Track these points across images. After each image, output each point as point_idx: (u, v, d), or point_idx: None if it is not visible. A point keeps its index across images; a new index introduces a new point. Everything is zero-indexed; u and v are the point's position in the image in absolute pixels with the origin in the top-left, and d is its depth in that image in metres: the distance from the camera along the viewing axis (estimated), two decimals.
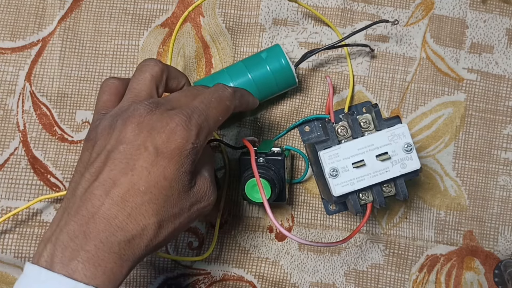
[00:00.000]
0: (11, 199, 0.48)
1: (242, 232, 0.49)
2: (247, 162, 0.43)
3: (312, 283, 0.49)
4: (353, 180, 0.38)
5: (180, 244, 0.49)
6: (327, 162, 0.38)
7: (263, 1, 0.50)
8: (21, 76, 0.49)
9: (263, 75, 0.44)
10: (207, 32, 0.50)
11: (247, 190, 0.41)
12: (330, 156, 0.38)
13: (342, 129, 0.39)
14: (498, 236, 0.49)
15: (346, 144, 0.38)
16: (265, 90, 0.45)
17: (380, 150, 0.38)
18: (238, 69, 0.45)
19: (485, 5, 0.50)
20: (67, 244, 0.28)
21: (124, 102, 0.33)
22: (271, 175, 0.41)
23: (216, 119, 0.33)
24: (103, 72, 0.49)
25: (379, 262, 0.49)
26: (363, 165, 0.38)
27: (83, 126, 0.49)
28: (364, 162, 0.38)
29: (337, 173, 0.38)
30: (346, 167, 0.38)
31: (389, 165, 0.38)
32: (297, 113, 0.49)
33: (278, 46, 0.45)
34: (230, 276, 0.49)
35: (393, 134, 0.38)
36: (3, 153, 0.48)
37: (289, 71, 0.45)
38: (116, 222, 0.28)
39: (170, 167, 0.30)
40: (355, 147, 0.38)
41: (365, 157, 0.38)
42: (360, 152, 0.38)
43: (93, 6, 0.50)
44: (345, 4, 0.50)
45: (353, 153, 0.38)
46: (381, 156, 0.37)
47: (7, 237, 0.48)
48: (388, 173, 0.38)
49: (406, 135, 0.38)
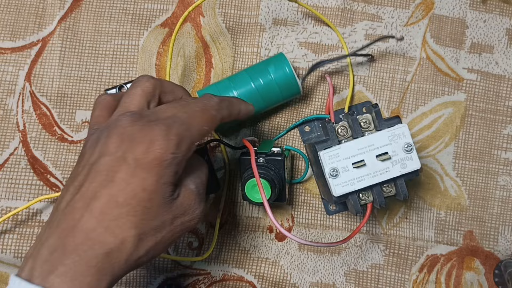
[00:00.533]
0: (11, 199, 0.48)
1: (242, 232, 0.49)
2: (247, 162, 0.43)
3: (312, 283, 0.49)
4: (353, 180, 0.38)
5: (180, 244, 0.49)
6: (327, 162, 0.38)
7: (263, 1, 0.50)
8: (21, 76, 0.49)
9: (267, 84, 0.44)
10: (207, 32, 0.50)
11: (247, 190, 0.41)
12: (330, 156, 0.38)
13: (342, 129, 0.39)
14: (498, 236, 0.49)
15: (346, 144, 0.38)
16: (269, 99, 0.45)
17: (380, 150, 0.38)
18: (242, 78, 0.45)
19: (485, 5, 0.50)
20: (46, 258, 0.27)
21: (113, 116, 0.33)
22: (271, 175, 0.41)
23: (200, 128, 0.32)
24: (103, 72, 0.49)
25: (379, 262, 0.49)
26: (363, 165, 0.38)
27: (83, 126, 0.49)
28: (365, 162, 0.38)
29: (337, 173, 0.38)
30: (346, 167, 0.38)
31: (389, 165, 0.38)
32: (297, 113, 0.49)
33: (282, 54, 0.46)
34: (230, 276, 0.49)
35: (393, 134, 0.38)
36: (3, 153, 0.48)
37: (293, 80, 0.45)
38: (94, 235, 0.28)
39: (149, 178, 0.29)
40: (355, 147, 0.38)
41: (365, 157, 0.38)
42: (360, 152, 0.38)
43: (93, 6, 0.50)
44: (345, 4, 0.50)
45: (353, 153, 0.38)
46: (381, 156, 0.37)
47: (7, 237, 0.48)
48: (388, 173, 0.38)
49: (406, 135, 0.38)
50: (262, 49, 0.50)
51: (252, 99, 0.44)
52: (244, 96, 0.44)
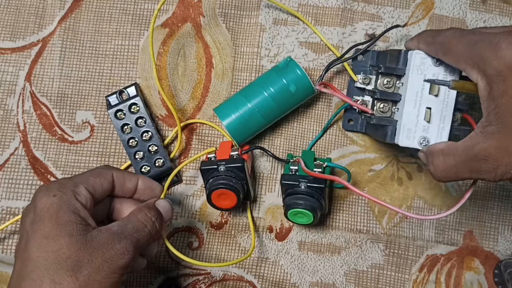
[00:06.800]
0: (11, 199, 0.48)
1: (242, 232, 0.49)
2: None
3: (312, 283, 0.49)
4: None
5: (180, 244, 0.49)
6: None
7: (263, 1, 0.50)
8: (21, 76, 0.49)
9: (281, 91, 0.45)
10: (207, 32, 0.50)
11: (290, 216, 0.44)
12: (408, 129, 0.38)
13: (383, 106, 0.40)
14: (498, 236, 0.49)
15: (403, 107, 0.38)
16: (284, 104, 0.45)
17: (426, 88, 0.38)
18: (254, 90, 0.45)
19: (485, 5, 0.50)
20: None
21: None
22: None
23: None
24: (103, 73, 0.49)
25: (379, 262, 0.49)
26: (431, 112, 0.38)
27: (83, 126, 0.49)
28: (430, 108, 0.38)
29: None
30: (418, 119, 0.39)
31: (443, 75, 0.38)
32: (319, 118, 0.50)
33: (290, 58, 0.46)
34: (230, 276, 0.49)
35: (417, 66, 0.38)
36: (3, 153, 0.48)
37: (306, 81, 0.45)
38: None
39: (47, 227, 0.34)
40: (411, 106, 0.38)
41: (424, 104, 0.38)
42: (418, 105, 0.38)
43: (93, 6, 0.50)
44: (345, 4, 0.50)
45: (415, 112, 0.38)
46: (432, 88, 0.38)
47: (7, 237, 0.48)
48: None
49: (422, 56, 0.38)
50: (262, 49, 0.50)
51: (267, 108, 0.45)
52: (261, 106, 0.44)
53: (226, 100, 0.46)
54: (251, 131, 0.46)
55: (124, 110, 0.47)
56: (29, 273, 0.31)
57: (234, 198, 0.43)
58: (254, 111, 0.44)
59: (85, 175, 0.37)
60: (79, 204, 0.34)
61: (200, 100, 0.49)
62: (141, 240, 0.35)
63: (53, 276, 0.31)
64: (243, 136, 0.46)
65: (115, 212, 0.40)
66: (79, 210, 0.34)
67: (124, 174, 0.39)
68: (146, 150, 0.47)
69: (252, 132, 0.46)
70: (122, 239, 0.34)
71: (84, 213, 0.34)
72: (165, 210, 0.39)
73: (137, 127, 0.47)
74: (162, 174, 0.47)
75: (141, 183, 0.40)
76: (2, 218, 0.48)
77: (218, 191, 0.42)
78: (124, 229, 0.35)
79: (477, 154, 0.32)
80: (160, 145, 0.47)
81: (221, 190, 0.42)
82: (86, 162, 0.49)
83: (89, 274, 0.32)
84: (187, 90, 0.50)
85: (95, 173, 0.38)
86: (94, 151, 0.49)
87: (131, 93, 0.47)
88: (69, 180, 0.36)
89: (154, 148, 0.47)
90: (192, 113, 0.49)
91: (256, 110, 0.44)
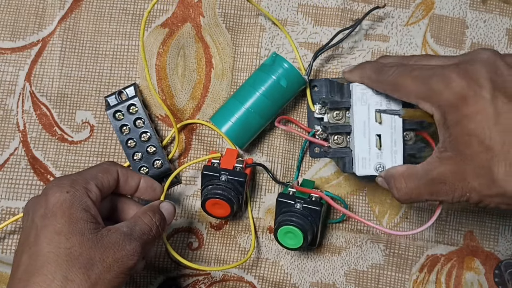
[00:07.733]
0: (11, 199, 0.48)
1: (242, 232, 0.49)
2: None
3: (312, 283, 0.49)
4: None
5: (180, 244, 0.49)
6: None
7: (263, 1, 0.50)
8: (21, 76, 0.49)
9: (273, 87, 0.44)
10: (207, 32, 0.50)
11: (280, 236, 0.43)
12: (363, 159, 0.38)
13: (336, 138, 0.40)
14: (499, 236, 0.49)
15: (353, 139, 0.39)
16: (278, 100, 0.45)
17: (371, 116, 0.38)
18: (245, 91, 0.45)
19: (485, 5, 0.50)
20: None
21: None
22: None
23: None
24: (103, 72, 0.49)
25: (379, 262, 0.49)
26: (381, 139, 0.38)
27: (83, 127, 0.49)
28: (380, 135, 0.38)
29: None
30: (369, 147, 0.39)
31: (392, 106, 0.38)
32: (293, 138, 0.49)
33: (274, 53, 0.46)
34: (230, 277, 0.49)
35: (359, 98, 0.38)
36: (3, 153, 0.48)
37: (295, 72, 0.44)
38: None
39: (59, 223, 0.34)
40: (361, 136, 0.38)
41: (373, 132, 0.38)
42: (367, 134, 0.38)
43: (93, 6, 0.50)
44: (345, 4, 0.50)
45: (366, 141, 0.38)
46: (376, 116, 0.38)
47: (7, 237, 0.48)
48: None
49: (362, 87, 0.38)
50: (262, 49, 0.50)
51: (263, 107, 0.45)
52: (256, 106, 0.44)
53: (220, 107, 0.46)
54: (251, 132, 0.46)
55: (123, 110, 0.46)
56: (39, 268, 0.31)
57: (228, 209, 0.44)
58: (250, 113, 0.44)
59: (93, 171, 0.37)
60: (90, 201, 0.34)
61: (199, 100, 0.49)
62: (147, 242, 0.36)
63: (66, 273, 0.31)
64: (244, 139, 0.46)
65: (115, 210, 0.40)
66: (90, 208, 0.34)
67: (127, 171, 0.40)
68: (144, 151, 0.47)
69: (253, 133, 0.46)
70: (132, 240, 0.34)
71: (94, 211, 0.34)
72: (168, 212, 0.40)
73: (136, 128, 0.47)
74: (161, 175, 0.47)
75: (143, 182, 0.40)
76: (2, 218, 0.48)
77: (214, 200, 0.43)
78: (133, 231, 0.35)
79: (435, 177, 0.33)
80: (159, 146, 0.47)
81: (217, 200, 0.43)
82: (86, 162, 0.49)
83: (100, 272, 0.32)
84: (186, 90, 0.50)
85: (102, 169, 0.38)
86: (94, 151, 0.49)
87: (129, 94, 0.47)
88: (79, 176, 0.36)
89: (152, 149, 0.47)
90: (192, 113, 0.49)
91: (252, 111, 0.44)
